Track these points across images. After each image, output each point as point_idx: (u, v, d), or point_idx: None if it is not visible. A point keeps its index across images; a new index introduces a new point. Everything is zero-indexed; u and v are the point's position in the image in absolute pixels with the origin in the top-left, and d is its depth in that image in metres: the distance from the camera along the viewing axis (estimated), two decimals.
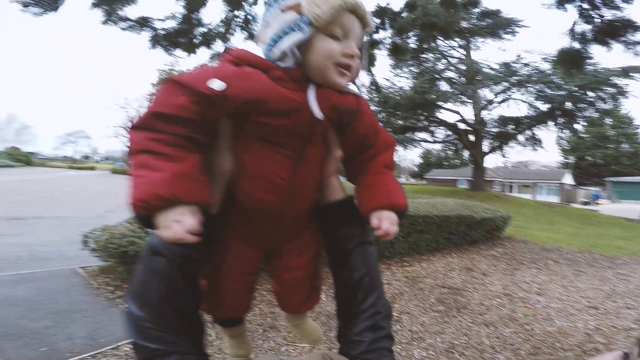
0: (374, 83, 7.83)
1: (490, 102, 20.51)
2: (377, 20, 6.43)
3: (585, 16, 4.43)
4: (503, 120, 20.87)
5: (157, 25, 5.60)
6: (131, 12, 5.11)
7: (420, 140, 23.73)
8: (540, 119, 19.36)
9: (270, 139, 0.75)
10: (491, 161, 51.14)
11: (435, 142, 24.54)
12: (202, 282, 0.86)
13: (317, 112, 0.73)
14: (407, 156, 76.54)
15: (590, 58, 4.74)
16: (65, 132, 72.75)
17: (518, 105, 20.27)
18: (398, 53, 6.99)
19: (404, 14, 6.21)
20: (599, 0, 4.25)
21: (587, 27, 4.45)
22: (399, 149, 23.50)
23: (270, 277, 1.06)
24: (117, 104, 76.96)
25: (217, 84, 0.66)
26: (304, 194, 0.84)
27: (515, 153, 47.98)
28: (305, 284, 1.00)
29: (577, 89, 16.33)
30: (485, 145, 21.62)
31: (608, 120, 39.45)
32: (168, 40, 5.75)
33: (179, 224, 0.62)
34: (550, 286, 5.08)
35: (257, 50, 0.80)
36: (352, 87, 0.84)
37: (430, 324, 3.49)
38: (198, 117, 0.67)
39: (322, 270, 1.03)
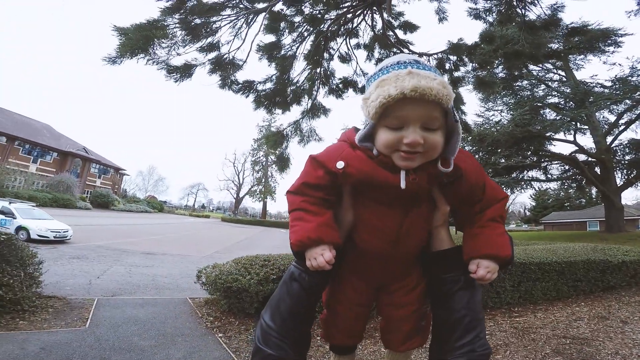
0: (462, 124, 7.37)
1: (615, 125, 16.92)
2: (453, 58, 6.35)
3: None
4: (637, 145, 16.68)
5: (259, 87, 6.67)
6: (239, 77, 6.32)
7: (531, 180, 20.32)
8: None
9: (380, 200, 0.93)
10: (631, 196, 40.95)
11: (549, 180, 20.79)
12: (323, 312, 1.20)
13: (402, 184, 0.84)
14: (516, 199, 66.53)
15: None
16: (189, 184, 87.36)
17: None
18: (484, 87, 6.60)
19: (482, 47, 5.97)
20: None
21: None
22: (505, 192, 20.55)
23: (378, 314, 1.20)
24: (228, 158, 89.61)
25: (340, 164, 0.90)
26: (409, 242, 0.97)
27: None
28: (410, 322, 1.10)
29: None
30: (619, 178, 17.43)
31: None
32: (268, 100, 6.73)
33: (321, 256, 0.89)
34: None
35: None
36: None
37: None
38: (330, 184, 0.94)
39: (428, 312, 1.10)
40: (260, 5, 5.65)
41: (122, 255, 8.67)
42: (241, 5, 5.44)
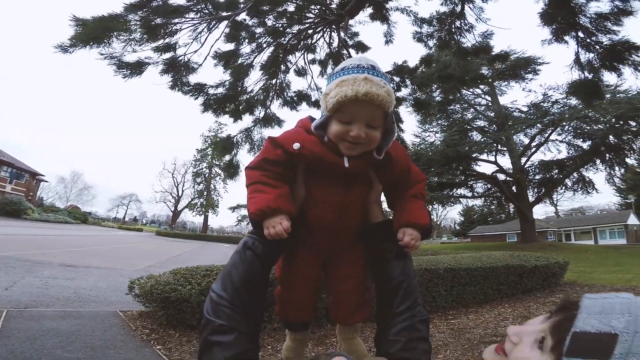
0: (399, 140, 8.09)
1: (528, 147, 19.51)
2: (397, 79, 6.99)
3: (585, 45, 4.51)
4: (545, 166, 19.44)
5: (210, 91, 6.49)
6: (192, 79, 6.17)
7: (459, 197, 22.50)
8: (585, 158, 17.79)
9: (327, 178, 1.07)
10: (541, 211, 47.92)
11: (474, 196, 23.19)
12: (277, 287, 1.27)
13: (346, 164, 1.02)
14: (447, 215, 72.83)
15: (606, 86, 4.76)
16: (119, 195, 78.22)
17: (558, 147, 19.03)
18: (421, 108, 7.40)
19: (422, 69, 6.70)
20: (593, 27, 4.33)
21: (591, 56, 4.49)
22: (437, 207, 22.47)
23: (327, 292, 1.30)
24: (167, 169, 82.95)
25: (296, 146, 1.02)
26: (351, 214, 1.12)
27: (568, 200, 44.26)
28: (355, 294, 1.21)
29: (614, 120, 15.13)
30: (531, 195, 20.11)
31: None
32: (218, 104, 6.56)
33: (280, 225, 0.97)
34: None
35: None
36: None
37: None
38: (287, 162, 1.05)
39: (371, 285, 1.21)
40: (224, 13, 5.70)
41: (36, 266, 7.46)
42: (205, 11, 5.45)
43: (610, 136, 16.14)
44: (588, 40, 4.45)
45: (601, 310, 0.49)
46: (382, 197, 1.23)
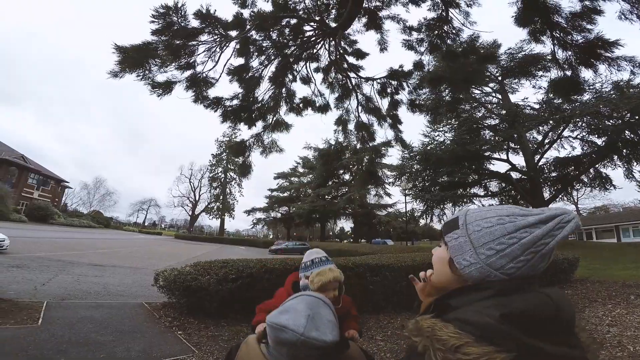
0: (398, 139, 8.25)
1: (542, 144, 19.02)
2: (394, 82, 7.42)
3: (561, 44, 4.68)
4: (560, 163, 18.88)
5: (227, 103, 7.09)
6: (211, 93, 6.81)
7: (472, 196, 21.97)
8: (602, 154, 17.03)
9: None
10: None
11: (487, 195, 22.57)
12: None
13: None
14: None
15: (617, 82, 4.90)
16: (139, 200, 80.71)
17: (572, 144, 18.41)
18: (415, 108, 7.77)
19: (417, 73, 7.10)
20: (568, 26, 4.48)
21: (568, 54, 4.63)
22: (450, 206, 21.74)
23: None
24: (184, 174, 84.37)
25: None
26: None
27: (590, 199, 42.69)
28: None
29: (629, 115, 14.57)
30: (547, 193, 19.65)
31: None
32: (234, 115, 7.18)
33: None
34: (628, 317, 4.71)
35: None
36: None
37: None
38: None
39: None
40: (233, 34, 6.35)
41: (67, 265, 8.12)
42: (216, 32, 6.09)
43: (626, 131, 15.56)
44: (564, 39, 4.62)
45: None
46: None
